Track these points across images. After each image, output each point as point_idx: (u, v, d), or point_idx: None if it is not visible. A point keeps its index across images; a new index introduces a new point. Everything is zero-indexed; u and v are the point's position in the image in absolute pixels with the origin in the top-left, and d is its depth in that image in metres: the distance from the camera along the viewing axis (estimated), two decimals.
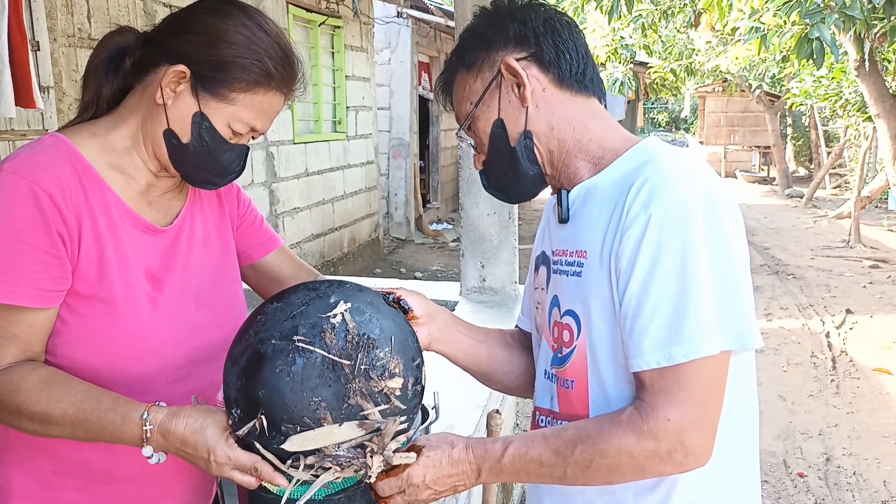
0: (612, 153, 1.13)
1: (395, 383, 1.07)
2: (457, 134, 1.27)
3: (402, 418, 1.08)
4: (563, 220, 1.16)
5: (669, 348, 0.98)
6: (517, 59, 1.14)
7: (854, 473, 4.03)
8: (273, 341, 1.05)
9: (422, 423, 1.86)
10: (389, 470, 1.07)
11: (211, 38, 1.16)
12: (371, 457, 1.04)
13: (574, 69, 1.16)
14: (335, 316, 1.06)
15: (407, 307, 1.23)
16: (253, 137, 1.26)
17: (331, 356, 1.03)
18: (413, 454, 1.09)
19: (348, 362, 1.04)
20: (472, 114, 1.19)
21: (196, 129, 1.17)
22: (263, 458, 1.04)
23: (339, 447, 1.03)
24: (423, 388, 1.15)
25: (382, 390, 1.05)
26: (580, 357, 1.11)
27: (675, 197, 0.99)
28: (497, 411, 2.46)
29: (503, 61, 1.14)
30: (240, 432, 1.05)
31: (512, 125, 1.16)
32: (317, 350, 1.04)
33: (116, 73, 1.23)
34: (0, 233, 1.08)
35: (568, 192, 1.16)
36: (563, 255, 1.15)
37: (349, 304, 1.08)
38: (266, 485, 1.07)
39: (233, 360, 1.10)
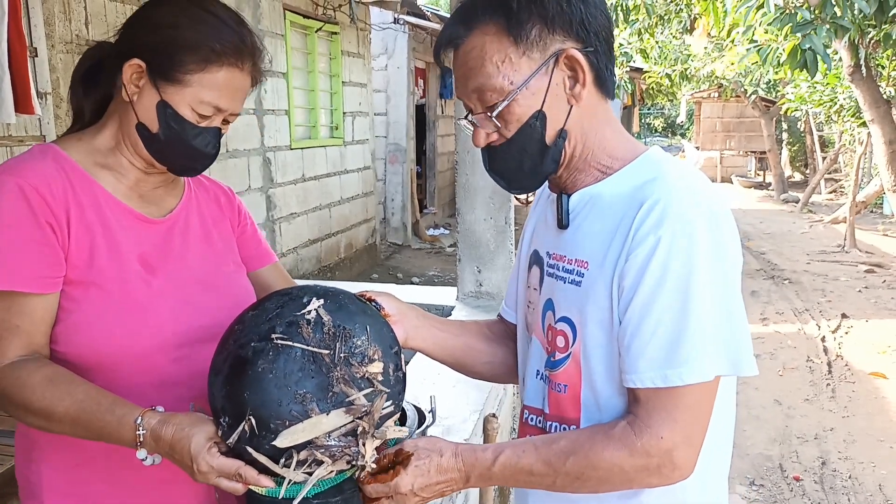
0: (619, 162, 1.12)
1: (376, 368, 1.09)
2: (469, 118, 1.13)
3: (388, 402, 1.09)
4: (564, 225, 1.14)
5: (666, 370, 0.99)
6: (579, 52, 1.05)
7: (850, 477, 4.04)
8: (252, 344, 1.07)
9: (418, 427, 1.87)
10: (377, 473, 1.08)
11: (155, 25, 1.22)
12: (363, 443, 1.05)
13: (611, 70, 1.11)
14: (310, 312, 1.09)
15: (378, 307, 1.23)
16: (227, 121, 1.28)
17: (310, 348, 1.06)
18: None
19: (327, 352, 1.06)
20: (511, 96, 1.05)
21: (162, 118, 1.21)
22: (256, 461, 1.05)
23: (329, 437, 1.04)
24: (404, 374, 1.16)
25: (364, 375, 1.07)
26: (574, 364, 1.11)
27: (683, 221, 0.99)
28: (493, 415, 2.47)
29: (567, 52, 1.05)
30: (230, 440, 1.05)
31: (553, 121, 1.07)
32: (296, 345, 1.06)
33: (96, 87, 1.29)
34: None
35: (568, 196, 1.14)
36: (561, 260, 1.14)
37: (322, 301, 1.11)
38: (254, 489, 1.07)
39: (216, 370, 1.11)
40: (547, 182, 1.19)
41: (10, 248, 1.14)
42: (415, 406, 1.95)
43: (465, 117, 1.14)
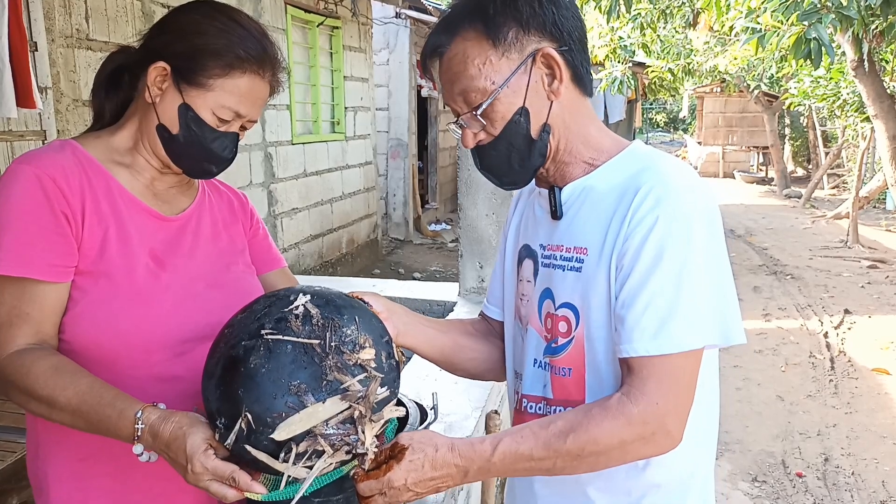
0: (605, 155, 1.18)
1: (368, 354, 1.09)
2: (458, 121, 1.19)
3: (384, 387, 1.09)
4: (558, 216, 1.19)
5: (660, 339, 1.04)
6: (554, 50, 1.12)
7: (852, 473, 4.03)
8: (243, 343, 1.08)
9: (420, 424, 1.86)
10: (371, 471, 1.08)
11: (183, 31, 1.26)
12: (362, 429, 1.05)
13: (587, 68, 1.17)
14: (297, 308, 1.10)
15: (366, 304, 1.24)
16: (244, 127, 1.32)
17: (300, 340, 1.06)
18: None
19: (318, 341, 1.06)
20: (494, 95, 1.12)
21: (183, 120, 1.25)
22: (256, 460, 1.04)
23: (327, 425, 1.04)
24: (397, 363, 1.17)
25: (357, 362, 1.08)
26: (577, 347, 1.15)
27: (679, 202, 1.06)
28: (496, 412, 2.47)
29: (543, 51, 1.11)
30: (228, 441, 1.04)
31: (535, 116, 1.14)
32: (286, 338, 1.06)
33: (118, 89, 1.33)
34: (9, 214, 1.16)
35: (560, 189, 1.19)
36: (558, 250, 1.19)
37: (308, 297, 1.12)
38: (249, 496, 1.05)
39: (209, 374, 1.11)
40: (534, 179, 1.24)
41: (24, 235, 1.15)
42: (417, 403, 1.94)
43: (454, 122, 1.20)
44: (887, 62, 7.50)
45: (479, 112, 1.14)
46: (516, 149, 1.16)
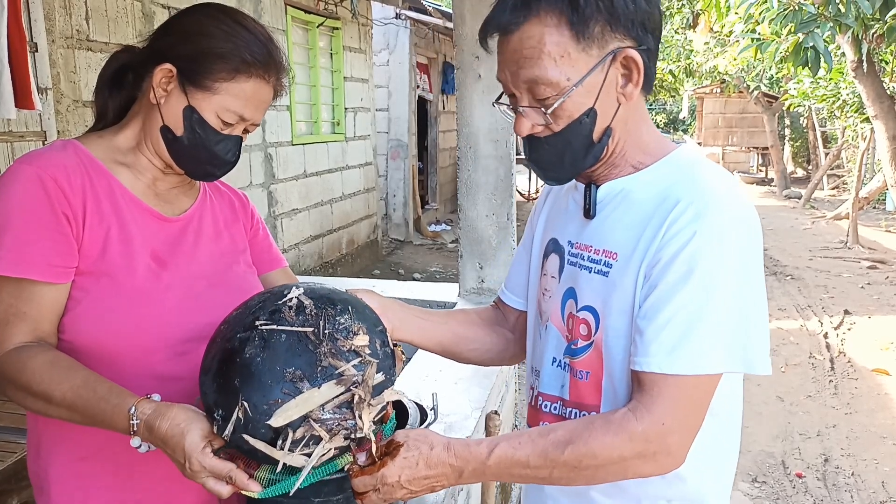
0: (650, 158, 1.13)
1: (362, 341, 1.10)
2: (510, 102, 1.11)
3: (379, 373, 1.09)
4: (591, 215, 1.15)
5: (675, 357, 1.00)
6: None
7: (852, 474, 4.03)
8: (238, 335, 1.09)
9: (420, 424, 1.86)
10: (366, 467, 1.08)
11: (189, 34, 1.26)
12: (359, 414, 1.05)
13: (655, 69, 1.11)
14: (291, 300, 1.11)
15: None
16: (247, 130, 1.32)
17: (294, 329, 1.07)
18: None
19: (312, 329, 1.07)
20: (567, 94, 1.03)
21: (188, 123, 1.25)
22: (254, 451, 1.04)
23: (323, 410, 1.04)
24: (391, 351, 1.17)
25: (351, 349, 1.08)
26: (596, 352, 1.12)
27: (719, 219, 1.01)
28: (496, 412, 2.47)
29: (626, 52, 1.03)
30: (225, 432, 1.05)
31: (602, 119, 1.07)
32: (280, 327, 1.08)
33: (121, 89, 1.33)
34: (10, 213, 1.16)
35: (597, 187, 1.15)
36: (587, 250, 1.15)
37: (301, 290, 1.13)
38: (245, 493, 1.06)
39: (205, 369, 1.12)
40: None
41: (24, 236, 1.16)
42: (417, 403, 1.94)
43: (501, 100, 1.13)
44: (887, 63, 7.50)
45: (549, 110, 1.05)
46: (573, 148, 1.09)
